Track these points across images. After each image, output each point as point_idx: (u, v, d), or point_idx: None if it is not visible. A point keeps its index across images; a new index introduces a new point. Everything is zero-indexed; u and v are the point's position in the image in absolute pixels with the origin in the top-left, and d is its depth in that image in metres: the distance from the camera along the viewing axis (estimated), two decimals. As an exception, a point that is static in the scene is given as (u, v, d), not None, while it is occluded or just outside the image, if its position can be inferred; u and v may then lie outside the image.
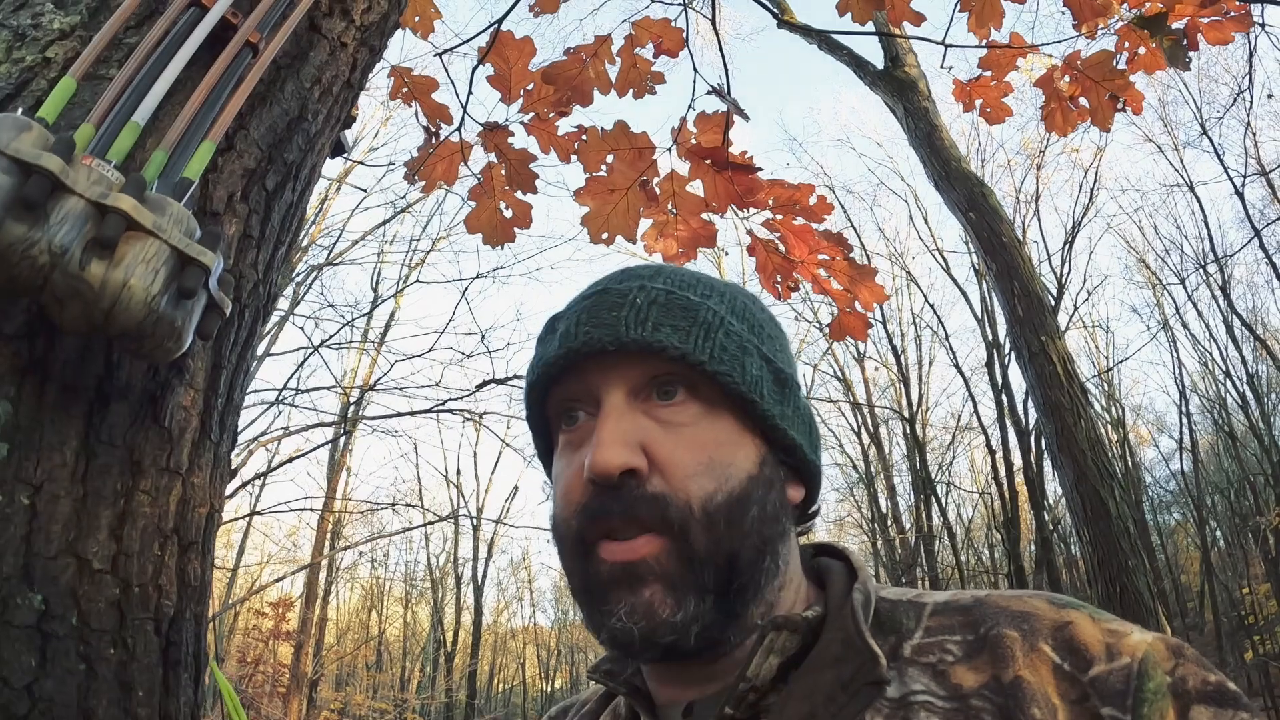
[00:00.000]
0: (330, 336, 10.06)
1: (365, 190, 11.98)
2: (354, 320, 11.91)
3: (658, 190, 2.99)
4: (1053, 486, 15.64)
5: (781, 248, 3.08)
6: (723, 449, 0.66)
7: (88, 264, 0.79)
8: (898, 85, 8.09)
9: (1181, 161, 23.11)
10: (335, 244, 12.71)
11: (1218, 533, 21.54)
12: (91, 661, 0.90)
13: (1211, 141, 15.98)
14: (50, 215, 0.78)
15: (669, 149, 2.95)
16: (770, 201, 2.99)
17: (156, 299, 0.82)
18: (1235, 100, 13.59)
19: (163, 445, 1.01)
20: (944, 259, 18.91)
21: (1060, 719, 0.54)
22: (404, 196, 12.39)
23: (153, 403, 0.99)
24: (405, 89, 3.21)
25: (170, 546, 1.03)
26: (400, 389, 8.92)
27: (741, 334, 0.70)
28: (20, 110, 0.85)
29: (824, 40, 8.18)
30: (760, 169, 2.93)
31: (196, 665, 1.08)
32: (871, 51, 8.46)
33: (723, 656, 0.65)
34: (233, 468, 1.14)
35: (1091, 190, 18.51)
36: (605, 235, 3.01)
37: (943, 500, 19.17)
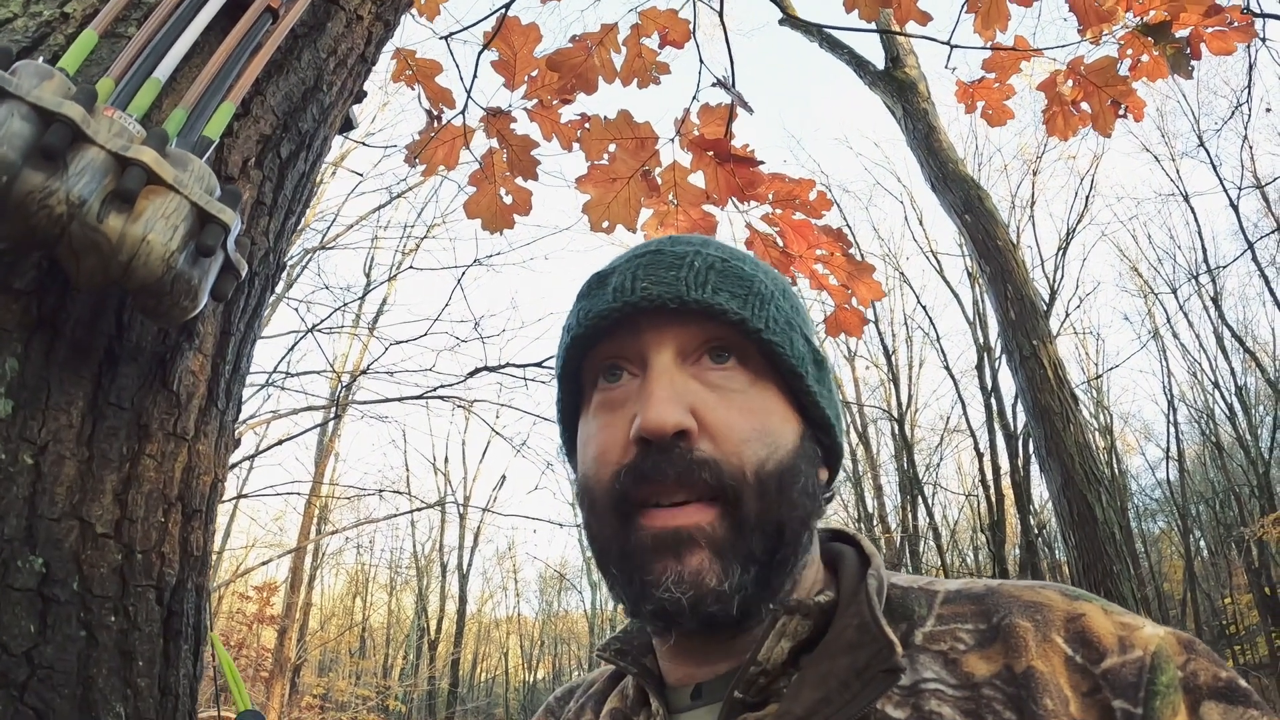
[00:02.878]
0: (322, 320, 9.95)
1: (361, 175, 11.91)
2: (347, 304, 11.83)
3: (659, 180, 2.98)
4: (1039, 490, 15.75)
5: (780, 242, 3.08)
6: (772, 418, 0.66)
7: (106, 216, 0.77)
8: (897, 86, 8.09)
9: (1177, 172, 23.18)
10: (330, 227, 12.64)
11: (1201, 542, 21.70)
12: (92, 629, 0.89)
13: (1208, 153, 16.16)
14: (70, 165, 0.76)
15: (672, 139, 2.94)
16: (770, 195, 2.98)
17: (175, 255, 0.80)
18: (1233, 113, 13.68)
19: (170, 410, 0.99)
20: (938, 261, 19.01)
21: (1072, 710, 0.54)
22: (402, 181, 12.32)
23: (162, 366, 0.98)
24: (409, 71, 3.19)
25: (174, 514, 1.01)
26: (391, 375, 8.83)
27: (788, 311, 0.70)
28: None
29: (825, 38, 8.17)
30: (762, 162, 2.93)
31: (197, 637, 1.07)
32: (872, 51, 8.47)
33: (742, 635, 0.64)
34: (237, 438, 1.12)
35: (1087, 197, 18.63)
36: (606, 224, 2.99)
37: (929, 501, 19.25)
